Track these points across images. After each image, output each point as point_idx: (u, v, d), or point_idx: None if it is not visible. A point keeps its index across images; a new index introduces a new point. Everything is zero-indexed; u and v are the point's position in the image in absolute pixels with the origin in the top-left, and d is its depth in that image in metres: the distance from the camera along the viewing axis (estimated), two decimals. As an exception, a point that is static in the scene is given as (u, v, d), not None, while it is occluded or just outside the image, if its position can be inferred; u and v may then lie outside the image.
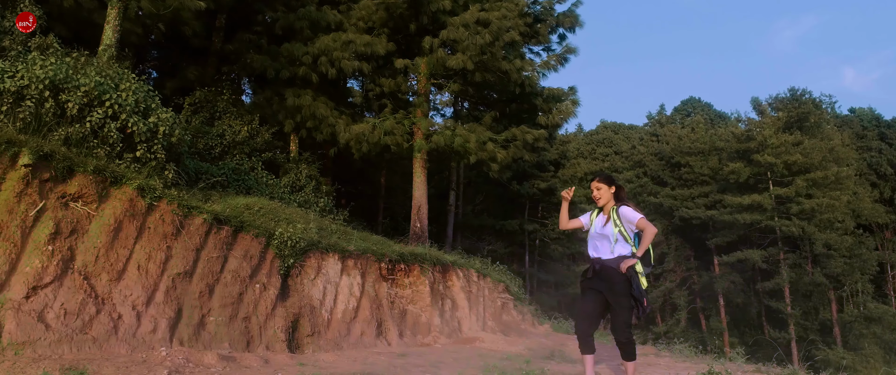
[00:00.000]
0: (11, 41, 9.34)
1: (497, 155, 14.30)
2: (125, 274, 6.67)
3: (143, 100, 8.50)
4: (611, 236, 4.97)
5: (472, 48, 13.50)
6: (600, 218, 5.18)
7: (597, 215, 5.25)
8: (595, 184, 5.18)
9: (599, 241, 5.08)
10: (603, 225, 5.07)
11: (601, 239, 5.05)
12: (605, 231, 5.02)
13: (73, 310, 6.05)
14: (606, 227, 5.03)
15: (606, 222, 5.06)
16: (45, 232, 6.21)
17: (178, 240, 7.29)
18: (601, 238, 5.05)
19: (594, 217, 5.26)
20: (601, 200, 5.14)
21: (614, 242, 4.98)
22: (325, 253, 9.17)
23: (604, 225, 5.06)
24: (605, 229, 5.03)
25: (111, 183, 7.01)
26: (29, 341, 5.59)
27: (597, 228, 5.12)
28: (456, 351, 8.87)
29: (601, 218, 5.18)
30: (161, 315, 6.70)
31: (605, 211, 5.16)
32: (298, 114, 14.85)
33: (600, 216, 5.21)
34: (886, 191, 56.56)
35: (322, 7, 15.16)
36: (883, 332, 45.46)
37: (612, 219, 5.02)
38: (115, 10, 11.12)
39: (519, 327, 13.78)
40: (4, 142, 6.27)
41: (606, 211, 5.15)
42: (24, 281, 5.87)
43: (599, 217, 5.21)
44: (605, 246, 5.02)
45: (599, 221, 5.16)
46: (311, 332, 8.22)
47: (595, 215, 5.26)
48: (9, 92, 7.31)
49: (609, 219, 5.05)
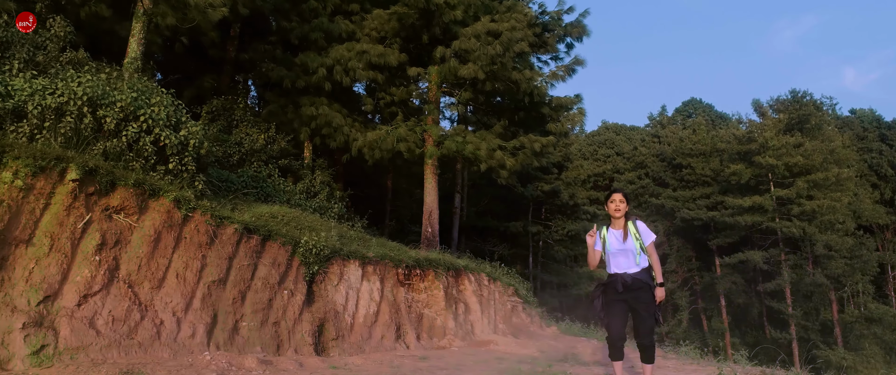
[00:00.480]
0: (45, 57, 9.70)
1: (506, 162, 14.67)
2: (165, 282, 7.06)
3: (174, 113, 8.89)
4: (633, 251, 5.29)
5: (483, 58, 13.88)
6: (612, 233, 5.45)
7: (606, 232, 5.51)
8: (619, 197, 5.49)
9: (622, 257, 5.37)
10: (623, 241, 5.35)
11: (624, 255, 5.35)
12: (626, 246, 5.32)
13: (120, 317, 6.44)
14: (627, 243, 5.32)
15: (625, 237, 5.35)
16: (92, 243, 6.60)
17: (211, 249, 7.67)
18: (624, 253, 5.34)
19: (604, 234, 5.53)
20: (619, 212, 5.43)
21: (638, 255, 5.31)
22: (346, 260, 9.56)
23: (624, 241, 5.34)
24: (626, 245, 5.32)
25: (149, 195, 7.39)
26: (82, 346, 5.97)
27: (616, 245, 5.39)
28: (473, 354, 9.26)
29: (614, 233, 5.44)
30: (199, 321, 7.09)
31: (619, 225, 5.44)
32: (314, 122, 15.23)
33: (611, 231, 5.47)
34: (887, 192, 56.90)
35: (335, 17, 15.55)
36: (883, 333, 45.81)
37: (631, 234, 5.32)
38: (139, 24, 11.51)
39: (528, 329, 14.15)
40: (53, 158, 6.64)
41: (620, 226, 5.43)
42: (76, 289, 6.26)
43: (610, 232, 5.48)
44: (629, 261, 5.33)
45: (615, 237, 5.42)
46: (336, 336, 8.60)
47: (604, 232, 5.53)
48: (50, 108, 7.70)
49: (627, 234, 5.34)
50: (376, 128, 15.32)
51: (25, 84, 7.86)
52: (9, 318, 5.71)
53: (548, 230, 36.32)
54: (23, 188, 6.32)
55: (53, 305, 6.07)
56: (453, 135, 14.79)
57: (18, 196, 6.27)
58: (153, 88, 9.31)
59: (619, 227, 5.46)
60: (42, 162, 6.52)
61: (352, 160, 16.45)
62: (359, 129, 15.27)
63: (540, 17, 16.04)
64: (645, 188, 57.15)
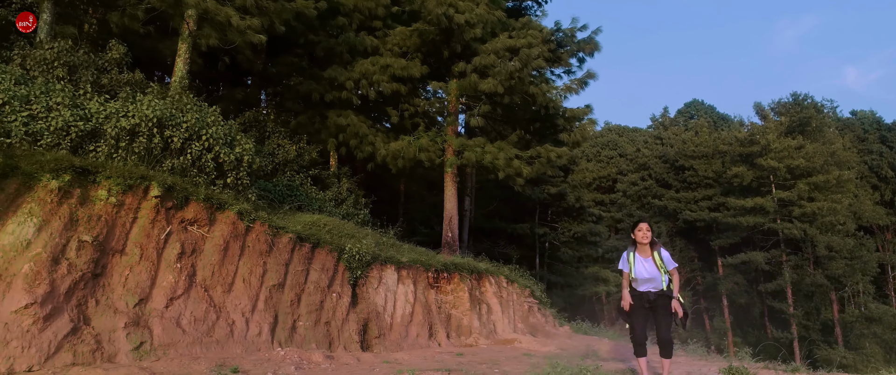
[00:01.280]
0: (109, 79, 10.56)
1: (523, 170, 15.52)
2: (234, 287, 7.93)
3: (229, 132, 9.75)
4: (659, 278, 6.15)
5: (502, 74, 14.73)
6: (639, 260, 6.28)
7: (633, 256, 6.34)
8: (646, 226, 6.33)
9: (649, 283, 6.21)
10: (650, 270, 6.18)
11: (651, 282, 6.19)
12: (652, 274, 6.16)
13: (199, 317, 7.31)
14: (654, 271, 6.16)
15: (651, 265, 6.18)
16: (173, 252, 7.46)
17: (270, 256, 8.54)
18: (651, 281, 6.19)
19: (631, 258, 6.38)
20: (646, 238, 6.26)
21: (663, 280, 6.15)
22: (383, 265, 10.42)
23: (651, 270, 6.17)
24: (653, 272, 6.17)
25: (217, 208, 8.26)
26: (172, 343, 6.84)
27: (644, 274, 6.24)
28: (501, 351, 10.12)
29: (640, 260, 6.27)
30: (263, 321, 7.95)
31: (645, 252, 6.26)
32: (341, 133, 16.09)
33: (638, 258, 6.30)
34: (887, 194, 57.66)
35: (360, 32, 16.39)
36: (883, 332, 46.58)
37: (655, 261, 6.16)
38: (185, 45, 12.37)
39: (544, 328, 15.01)
40: (138, 177, 7.51)
41: (647, 253, 6.25)
42: (163, 293, 7.13)
43: (638, 259, 6.30)
44: (655, 285, 6.18)
45: (642, 265, 6.24)
46: (378, 334, 9.47)
47: (632, 258, 6.37)
48: (125, 130, 8.56)
49: (653, 261, 6.18)
50: (399, 137, 16.18)
51: (101, 107, 8.72)
52: (112, 318, 6.58)
53: (554, 232, 37.11)
54: (115, 204, 7.18)
55: (146, 307, 6.93)
56: (473, 146, 15.66)
57: (112, 211, 7.13)
58: (207, 109, 10.18)
59: (646, 255, 6.29)
60: (129, 180, 7.39)
61: (365, 166, 17.25)
62: (383, 139, 16.14)
63: (555, 34, 16.90)
64: (648, 189, 57.88)
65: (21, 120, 7.87)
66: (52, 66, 9.86)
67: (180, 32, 12.37)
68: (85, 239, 6.68)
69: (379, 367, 7.39)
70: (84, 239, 6.68)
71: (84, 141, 8.46)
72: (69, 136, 8.13)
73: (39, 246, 6.31)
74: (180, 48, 12.37)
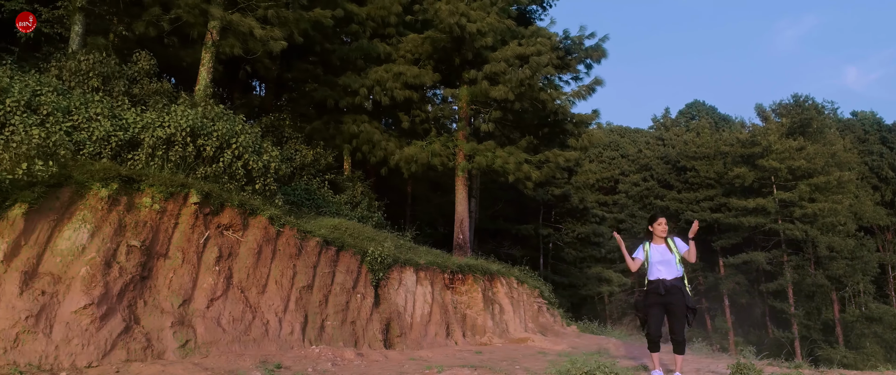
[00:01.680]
0: (140, 90, 11.01)
1: (532, 174, 15.99)
2: (267, 288, 8.39)
3: (257, 140, 10.21)
4: (673, 261, 6.58)
5: (513, 81, 15.20)
6: (655, 248, 6.74)
7: (649, 246, 6.80)
8: (664, 220, 6.81)
9: (663, 266, 6.63)
10: (665, 254, 6.63)
11: (665, 264, 6.62)
12: (667, 258, 6.60)
13: (237, 317, 7.76)
14: (669, 255, 6.60)
15: (666, 250, 6.62)
16: (212, 255, 7.92)
17: (299, 259, 9.00)
18: (664, 263, 6.62)
19: (648, 248, 6.81)
20: (665, 232, 6.73)
21: (677, 264, 6.59)
22: (403, 267, 10.88)
23: (666, 253, 6.62)
24: (668, 256, 6.60)
25: (249, 213, 8.72)
26: (214, 341, 7.30)
27: (658, 257, 6.67)
28: (516, 350, 10.57)
29: (656, 248, 6.73)
30: (295, 321, 8.41)
31: (661, 241, 6.72)
32: (355, 138, 16.56)
33: (654, 246, 6.76)
34: (888, 194, 58.08)
35: (373, 40, 16.86)
36: (884, 332, 47.02)
37: (671, 248, 6.61)
38: (208, 54, 12.84)
39: (553, 328, 15.46)
40: (179, 185, 7.97)
41: (662, 241, 6.71)
42: (204, 294, 7.59)
43: (653, 247, 6.76)
44: (669, 270, 6.61)
45: (657, 251, 6.70)
46: (400, 333, 9.93)
47: (647, 247, 6.81)
48: (160, 139, 9.02)
49: (668, 248, 6.62)
50: (411, 142, 16.66)
51: (137, 118, 9.18)
52: (159, 318, 7.04)
53: (558, 232, 37.58)
54: (158, 210, 7.64)
55: (189, 307, 7.39)
56: (484, 150, 16.13)
57: (156, 217, 7.60)
58: (234, 117, 10.64)
59: (661, 243, 6.74)
60: (171, 188, 7.85)
61: (374, 170, 17.73)
62: (395, 144, 16.61)
63: (563, 41, 17.36)
64: (650, 190, 58.29)
65: (65, 130, 8.33)
66: (87, 77, 10.32)
67: (204, 42, 12.83)
68: (133, 243, 7.14)
69: (407, 364, 7.84)
70: (132, 243, 7.14)
71: (122, 150, 8.92)
72: (109, 145, 8.59)
73: (93, 250, 6.77)
74: (203, 57, 12.83)
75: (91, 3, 11.86)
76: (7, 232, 6.28)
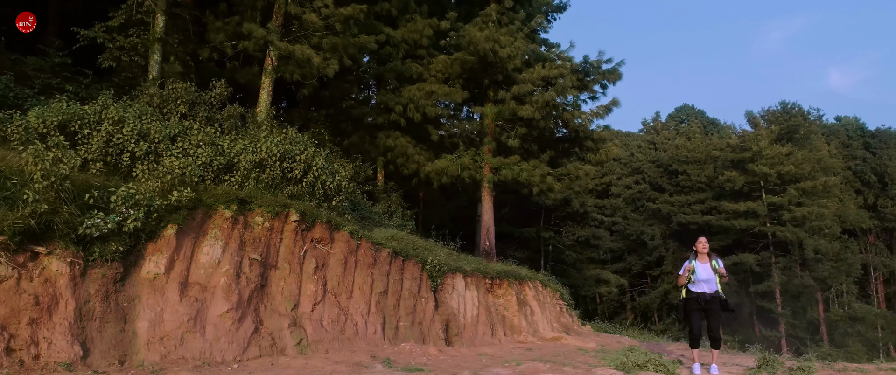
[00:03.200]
0: (221, 116, 12.24)
1: (554, 186, 17.43)
2: (353, 294, 9.70)
3: (331, 162, 11.50)
4: (712, 280, 8.05)
5: (539, 102, 16.62)
6: (699, 265, 8.17)
7: (695, 263, 8.24)
8: (704, 239, 8.26)
9: (704, 283, 8.10)
10: (707, 272, 8.09)
11: (707, 282, 8.09)
12: (708, 276, 8.07)
13: (334, 320, 9.07)
14: (708, 273, 8.07)
15: (707, 269, 8.08)
16: (310, 266, 9.22)
17: (375, 268, 10.31)
18: (707, 281, 8.08)
19: (693, 265, 8.24)
20: (706, 249, 8.17)
21: (716, 282, 8.05)
22: (454, 274, 12.23)
23: (708, 273, 8.08)
24: (708, 274, 8.07)
25: (334, 228, 10.01)
26: (320, 339, 8.61)
27: (701, 275, 8.12)
28: (555, 347, 11.96)
29: (700, 265, 8.16)
30: (376, 322, 9.73)
31: (704, 259, 8.16)
32: (390, 152, 17.88)
33: (698, 263, 8.20)
34: (870, 198, 60.38)
35: (405, 60, 18.18)
36: (866, 331, 49.12)
37: (713, 267, 8.06)
38: (268, 79, 14.11)
39: (573, 328, 16.88)
40: (281, 205, 9.25)
41: (705, 260, 8.15)
42: (308, 300, 8.89)
43: (698, 264, 8.20)
44: (709, 286, 8.07)
45: (702, 269, 8.14)
46: (457, 333, 11.28)
47: (692, 264, 8.25)
48: (253, 162, 10.28)
49: (711, 267, 8.08)
50: (441, 156, 18.02)
51: (232, 144, 10.43)
52: (278, 320, 8.33)
53: (559, 235, 39.05)
54: (268, 228, 8.93)
55: (298, 311, 8.69)
56: (510, 164, 17.53)
57: (267, 233, 8.88)
58: (305, 140, 11.91)
59: (705, 261, 8.18)
60: (276, 208, 9.13)
61: (409, 179, 19.07)
62: (426, 157, 17.95)
63: (582, 65, 18.76)
64: (642, 193, 59.98)
65: (175, 155, 9.59)
66: (176, 104, 11.54)
67: (263, 67, 14.08)
68: (253, 256, 8.43)
69: (481, 358, 9.19)
70: (253, 257, 8.43)
71: (220, 173, 10.17)
72: (212, 169, 9.84)
73: (227, 263, 8.06)
74: (263, 81, 14.09)
75: (167, 33, 13.08)
76: (164, 249, 7.55)
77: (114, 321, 6.81)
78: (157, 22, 12.84)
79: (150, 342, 6.90)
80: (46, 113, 8.92)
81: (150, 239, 7.50)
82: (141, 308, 7.07)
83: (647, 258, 55.84)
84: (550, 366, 8.13)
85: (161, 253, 7.47)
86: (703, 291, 8.10)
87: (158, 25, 12.84)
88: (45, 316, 6.28)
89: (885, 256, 59.57)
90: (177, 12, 13.55)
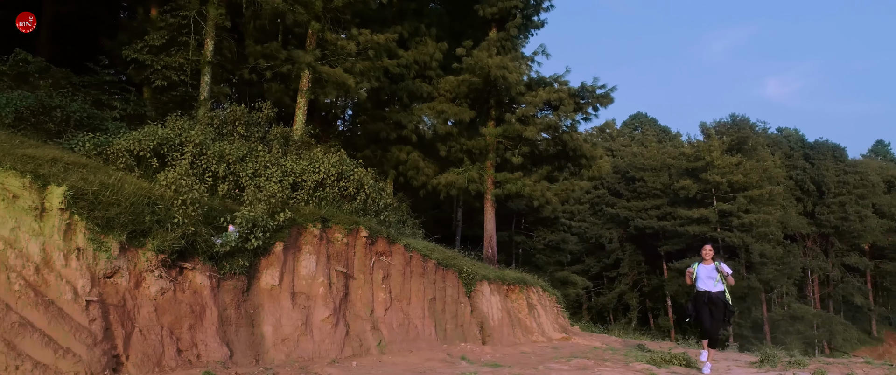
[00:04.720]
0: (273, 135, 13.33)
1: (552, 199, 19.13)
2: (411, 301, 11.06)
3: (377, 181, 12.80)
4: (715, 279, 9.69)
5: (541, 123, 18.28)
6: (703, 267, 9.82)
7: (698, 266, 9.89)
8: (709, 247, 9.90)
9: (708, 281, 9.72)
10: (710, 273, 9.72)
11: (709, 280, 9.70)
12: (711, 276, 9.70)
13: (399, 322, 10.42)
14: (712, 274, 9.70)
15: (711, 270, 9.70)
16: (379, 276, 10.54)
17: (425, 277, 11.69)
18: (709, 279, 9.70)
19: (696, 267, 9.88)
20: (710, 255, 9.82)
21: (716, 282, 9.71)
22: (481, 281, 13.70)
23: (711, 274, 9.71)
24: (711, 274, 9.70)
25: (390, 242, 11.35)
26: (393, 341, 9.95)
27: (705, 275, 9.72)
28: (569, 346, 13.59)
29: (704, 267, 9.81)
30: (429, 325, 11.12)
31: (708, 262, 9.80)
32: (401, 165, 19.20)
33: (702, 266, 9.85)
34: (809, 205, 64.95)
35: (415, 80, 19.53)
36: (804, 329, 53.18)
37: (717, 269, 9.69)
38: (303, 99, 15.26)
39: (567, 328, 18.58)
40: (353, 223, 10.53)
41: (709, 262, 9.78)
42: (381, 306, 10.21)
43: (702, 266, 9.85)
44: (712, 285, 9.70)
45: (704, 270, 9.77)
46: (489, 334, 12.76)
47: (696, 266, 9.90)
48: (315, 182, 11.50)
49: (716, 269, 9.69)
50: (448, 169, 19.47)
51: (294, 164, 11.62)
52: (361, 324, 9.63)
53: (530, 239, 40.96)
54: (344, 243, 10.21)
55: (374, 316, 10.01)
56: (513, 179, 19.16)
57: (344, 248, 10.16)
58: (347, 160, 13.15)
59: (708, 265, 9.82)
60: (350, 224, 10.41)
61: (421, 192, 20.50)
62: (434, 170, 19.38)
63: (580, 90, 20.49)
64: (601, 198, 62.68)
65: (248, 175, 10.76)
66: (234, 126, 12.61)
67: (299, 88, 15.22)
68: (339, 269, 9.71)
69: (526, 356, 10.69)
70: (339, 269, 9.70)
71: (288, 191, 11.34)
72: (282, 188, 11.03)
73: (320, 274, 9.32)
74: (299, 101, 15.23)
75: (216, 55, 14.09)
76: (275, 263, 8.76)
77: (245, 325, 8.02)
78: (206, 46, 13.83)
79: (275, 343, 8.13)
80: (143, 138, 9.99)
81: (263, 255, 8.70)
82: (264, 314, 8.28)
83: (604, 260, 58.26)
84: (594, 361, 9.72)
85: (274, 267, 8.69)
86: (707, 288, 9.72)
87: (208, 49, 13.83)
88: (198, 322, 7.45)
89: (821, 260, 64.24)
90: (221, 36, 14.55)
